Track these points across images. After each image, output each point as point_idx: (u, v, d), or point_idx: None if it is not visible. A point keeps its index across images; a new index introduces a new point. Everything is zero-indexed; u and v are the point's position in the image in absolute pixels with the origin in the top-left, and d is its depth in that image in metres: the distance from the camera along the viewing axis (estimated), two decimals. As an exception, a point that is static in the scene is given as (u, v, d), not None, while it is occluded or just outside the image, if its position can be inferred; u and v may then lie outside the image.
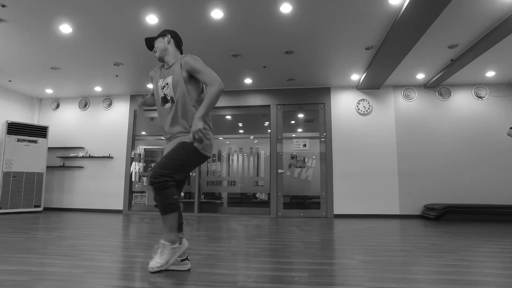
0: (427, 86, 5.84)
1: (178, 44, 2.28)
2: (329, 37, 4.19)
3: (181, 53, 2.30)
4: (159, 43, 2.24)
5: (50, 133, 6.72)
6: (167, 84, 2.15)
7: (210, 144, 2.15)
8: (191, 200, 6.32)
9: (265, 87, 6.23)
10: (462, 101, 5.81)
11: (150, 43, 2.30)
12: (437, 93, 5.87)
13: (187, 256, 2.13)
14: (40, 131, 6.23)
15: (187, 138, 2.07)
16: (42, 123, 6.88)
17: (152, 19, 3.74)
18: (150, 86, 6.10)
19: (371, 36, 4.14)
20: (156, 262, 2.03)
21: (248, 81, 5.85)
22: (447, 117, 5.79)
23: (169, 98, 2.15)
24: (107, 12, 3.62)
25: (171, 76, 2.14)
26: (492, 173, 5.55)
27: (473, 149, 5.65)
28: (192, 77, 2.13)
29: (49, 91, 6.51)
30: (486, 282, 1.90)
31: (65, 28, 3.95)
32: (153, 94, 2.41)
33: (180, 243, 2.06)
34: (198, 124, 1.99)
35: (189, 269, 2.11)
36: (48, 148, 6.56)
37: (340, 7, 3.50)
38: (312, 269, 2.19)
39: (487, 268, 2.21)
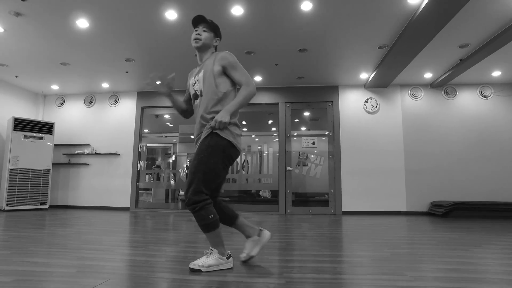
0: (433, 85, 5.94)
1: (216, 47, 2.28)
2: (345, 36, 4.24)
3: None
4: (209, 36, 2.16)
5: (55, 129, 6.64)
6: (198, 80, 2.12)
7: (239, 135, 2.07)
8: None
9: (274, 85, 6.26)
10: (467, 100, 5.93)
11: (200, 18, 2.19)
12: (443, 92, 5.98)
13: (229, 252, 2.09)
14: (46, 128, 6.16)
15: (205, 132, 1.99)
16: (46, 119, 6.79)
17: (171, 14, 3.74)
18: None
19: (385, 35, 4.21)
20: (200, 261, 1.96)
21: (258, 78, 5.87)
22: (452, 116, 5.90)
23: (198, 93, 2.12)
24: (127, 6, 3.61)
25: (202, 71, 2.11)
26: (497, 171, 5.68)
27: (478, 148, 5.77)
28: (224, 74, 2.08)
29: (54, 87, 6.44)
30: (520, 272, 1.97)
31: (82, 23, 3.93)
32: (186, 101, 2.38)
33: (228, 258, 2.02)
34: (225, 116, 1.92)
35: (232, 268, 2.04)
36: (53, 145, 6.48)
37: (360, 5, 3.55)
38: (348, 260, 2.23)
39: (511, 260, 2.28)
